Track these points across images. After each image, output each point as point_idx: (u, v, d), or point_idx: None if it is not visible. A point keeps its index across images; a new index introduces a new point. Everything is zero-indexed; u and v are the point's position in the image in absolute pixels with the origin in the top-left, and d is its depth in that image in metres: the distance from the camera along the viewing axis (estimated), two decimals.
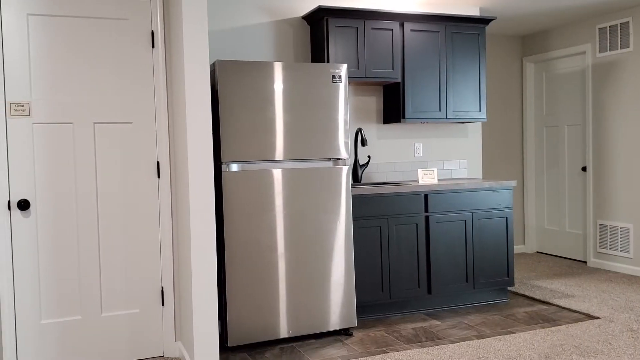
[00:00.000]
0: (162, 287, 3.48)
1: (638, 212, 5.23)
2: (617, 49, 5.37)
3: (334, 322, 3.72)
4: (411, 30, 4.46)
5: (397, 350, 3.46)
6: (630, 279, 5.12)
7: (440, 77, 4.59)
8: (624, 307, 4.21)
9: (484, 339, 3.61)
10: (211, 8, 4.17)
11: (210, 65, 3.61)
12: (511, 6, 5.04)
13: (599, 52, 5.55)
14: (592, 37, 5.61)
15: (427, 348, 3.48)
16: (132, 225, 3.40)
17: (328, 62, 4.20)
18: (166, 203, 3.45)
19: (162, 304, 3.48)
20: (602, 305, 4.27)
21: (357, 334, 3.78)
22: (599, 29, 5.53)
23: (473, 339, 3.63)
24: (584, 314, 4.11)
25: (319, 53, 4.31)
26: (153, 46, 3.41)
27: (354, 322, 3.77)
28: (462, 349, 3.45)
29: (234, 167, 3.46)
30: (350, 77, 4.28)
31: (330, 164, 3.71)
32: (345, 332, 3.79)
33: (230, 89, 3.45)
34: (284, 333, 3.60)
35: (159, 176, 3.44)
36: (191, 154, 3.06)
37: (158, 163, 3.44)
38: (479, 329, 3.83)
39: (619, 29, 5.34)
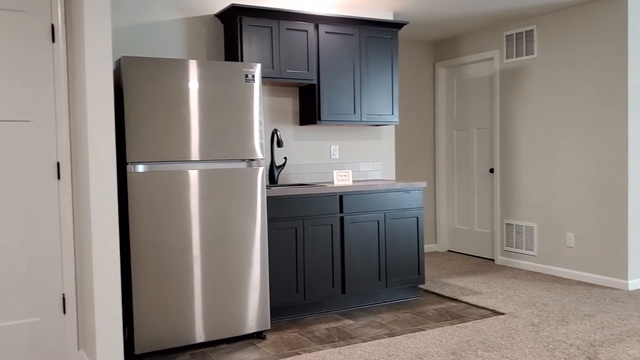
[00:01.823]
0: (63, 294, 3.30)
1: (541, 211, 5.50)
2: (522, 56, 5.63)
3: (248, 325, 3.67)
4: (326, 32, 4.49)
5: (309, 352, 3.45)
6: (534, 275, 5.38)
7: (355, 79, 4.64)
8: (527, 303, 4.42)
9: (395, 337, 3.67)
10: (117, 2, 4.02)
11: (116, 62, 3.47)
12: (423, 12, 5.18)
13: (506, 58, 5.80)
14: (500, 43, 5.86)
15: (339, 348, 3.49)
16: (31, 230, 3.20)
17: (242, 61, 4.15)
18: (67, 206, 3.27)
19: (64, 312, 3.30)
20: (508, 302, 4.46)
21: (271, 337, 3.75)
22: (506, 36, 5.78)
23: (384, 337, 3.68)
24: (490, 310, 4.27)
25: (232, 52, 4.24)
26: (53, 40, 3.23)
27: (267, 325, 3.73)
28: (373, 347, 3.49)
29: (141, 168, 3.34)
30: (265, 77, 4.25)
31: (244, 165, 3.66)
32: (258, 336, 3.75)
33: (137, 87, 3.32)
34: (196, 338, 3.51)
35: (59, 177, 3.26)
36: (92, 154, 2.92)
37: (58, 164, 3.26)
38: (390, 327, 3.89)
39: (524, 36, 5.60)
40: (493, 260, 6.11)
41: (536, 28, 5.48)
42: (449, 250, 6.71)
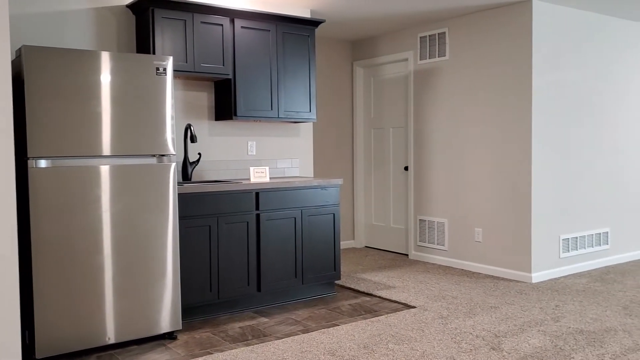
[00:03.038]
0: None
1: (452, 208, 5.70)
2: (435, 57, 5.81)
3: (159, 325, 3.57)
4: (242, 27, 4.44)
5: (221, 351, 3.40)
6: (445, 269, 5.56)
7: (272, 76, 4.62)
8: (438, 296, 4.56)
9: (309, 333, 3.69)
10: None
11: (17, 51, 3.27)
12: (340, 11, 5.23)
13: (420, 60, 5.97)
14: (414, 45, 6.02)
15: (252, 346, 3.47)
16: None
17: (154, 54, 4.02)
18: None
19: None
20: (419, 295, 4.59)
21: (182, 337, 3.67)
22: (420, 37, 5.94)
23: (299, 334, 3.69)
24: (402, 304, 4.38)
25: (144, 45, 4.11)
26: None
27: (179, 325, 3.65)
28: (286, 344, 3.49)
29: (43, 164, 3.17)
30: (178, 71, 4.14)
31: (155, 160, 3.55)
32: (170, 336, 3.66)
33: (40, 78, 3.15)
34: (104, 340, 3.37)
35: None
36: None
37: None
38: (305, 324, 3.91)
39: (437, 38, 5.78)
40: (407, 255, 6.27)
41: (448, 30, 5.66)
42: (366, 246, 6.83)
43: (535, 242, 5.06)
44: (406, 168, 6.25)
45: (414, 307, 4.28)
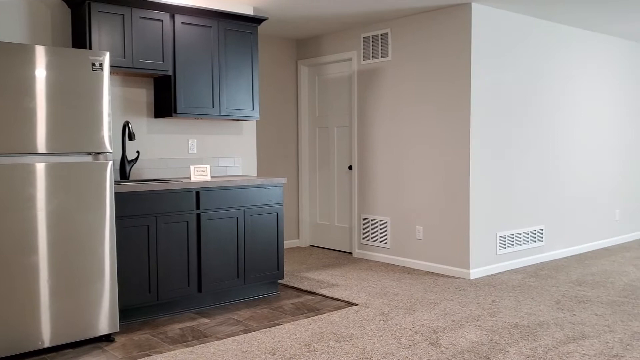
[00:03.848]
0: None
1: (394, 206, 5.78)
2: (378, 58, 5.87)
3: (96, 328, 3.46)
4: (182, 23, 4.36)
5: (160, 352, 3.34)
6: (387, 267, 5.64)
7: (214, 73, 4.56)
8: (379, 293, 4.61)
9: (250, 333, 3.66)
10: None
11: None
12: (283, 9, 5.22)
13: (363, 60, 6.02)
14: (358, 45, 6.07)
15: (192, 347, 3.41)
16: None
17: (90, 49, 3.90)
18: None
19: None
20: (361, 293, 4.63)
21: (120, 339, 3.58)
22: (363, 37, 6.00)
23: (240, 334, 3.66)
24: (344, 301, 4.40)
25: (80, 40, 3.98)
26: None
27: (116, 327, 3.55)
28: (227, 345, 3.46)
29: None
30: (116, 67, 4.04)
31: (90, 158, 3.44)
32: (107, 339, 3.56)
33: None
34: (36, 345, 3.25)
35: None
36: None
37: None
38: (246, 324, 3.88)
39: (379, 39, 5.84)
40: (351, 253, 6.32)
41: (390, 31, 5.74)
42: (311, 245, 6.84)
43: (473, 239, 5.19)
44: (350, 167, 6.30)
45: (356, 304, 4.32)
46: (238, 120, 4.86)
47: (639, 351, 3.32)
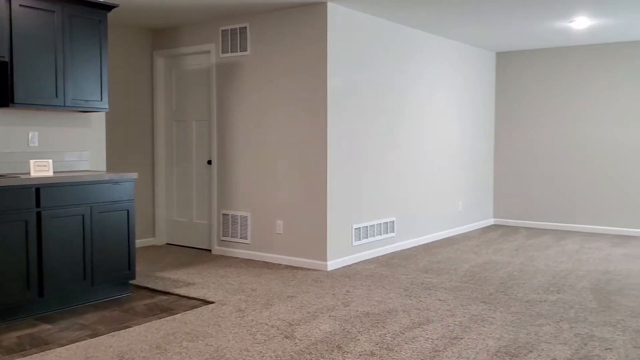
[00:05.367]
0: None
1: (254, 201, 5.77)
2: (237, 51, 5.81)
3: None
4: (20, 5, 4.00)
5: None
6: (247, 262, 5.61)
7: (57, 61, 4.23)
8: (237, 290, 4.58)
9: (97, 338, 3.46)
10: None
11: None
12: None
13: (222, 53, 5.93)
14: (216, 38, 5.96)
15: (30, 356, 3.15)
16: None
17: None
18: None
19: None
20: (218, 290, 4.56)
21: None
22: (222, 30, 5.90)
23: (85, 339, 3.44)
24: (200, 300, 4.31)
25: None
26: None
27: None
28: (70, 351, 3.23)
29: None
30: None
31: None
32: None
33: None
34: None
35: None
36: None
37: None
38: (94, 328, 3.66)
39: (238, 33, 5.79)
40: (210, 250, 6.21)
41: (249, 26, 5.70)
42: (167, 243, 6.62)
43: (330, 232, 5.32)
44: (210, 162, 6.18)
45: (212, 302, 4.24)
46: (85, 111, 4.57)
47: (476, 332, 3.61)
